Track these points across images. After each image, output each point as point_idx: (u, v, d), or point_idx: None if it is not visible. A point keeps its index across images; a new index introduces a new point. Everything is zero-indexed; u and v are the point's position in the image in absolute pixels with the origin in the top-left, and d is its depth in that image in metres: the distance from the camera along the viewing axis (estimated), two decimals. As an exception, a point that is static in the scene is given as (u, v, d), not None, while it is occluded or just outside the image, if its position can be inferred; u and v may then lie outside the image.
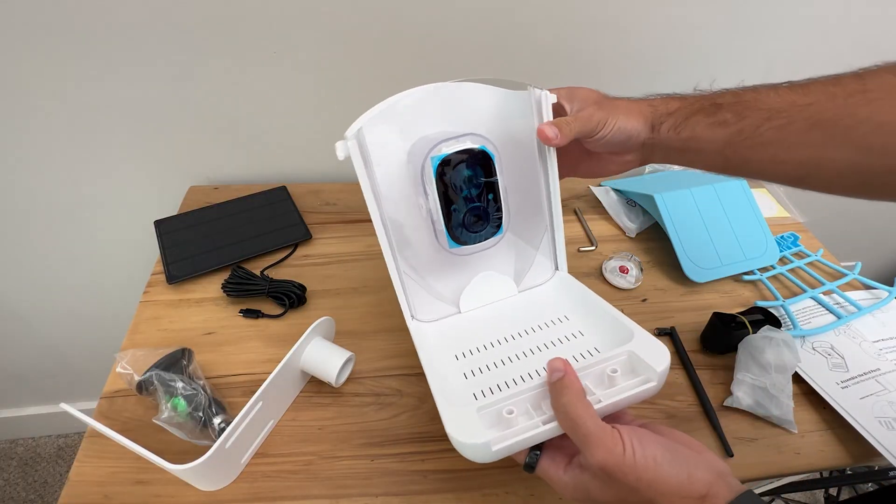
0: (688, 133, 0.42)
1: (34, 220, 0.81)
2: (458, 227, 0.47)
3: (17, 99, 0.67)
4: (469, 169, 0.45)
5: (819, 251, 0.74)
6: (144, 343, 0.57)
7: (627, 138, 0.44)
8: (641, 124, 0.44)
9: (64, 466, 1.24)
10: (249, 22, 0.64)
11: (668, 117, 0.43)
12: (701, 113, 0.42)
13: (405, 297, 0.50)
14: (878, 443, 0.49)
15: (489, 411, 0.37)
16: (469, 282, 0.51)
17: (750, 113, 0.40)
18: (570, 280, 0.52)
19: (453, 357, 0.48)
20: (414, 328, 0.50)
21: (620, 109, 0.44)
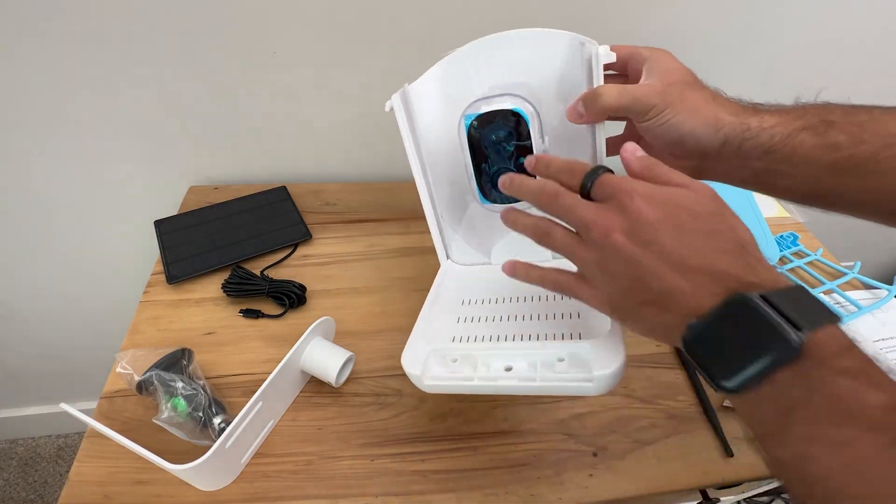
0: (784, 154, 0.36)
1: (34, 220, 0.81)
2: (488, 185, 0.48)
3: (17, 99, 0.67)
4: (502, 130, 0.44)
5: (819, 251, 0.74)
6: (144, 343, 0.57)
7: (681, 139, 0.38)
8: (708, 132, 0.37)
9: (64, 466, 1.24)
10: (250, 22, 0.64)
11: (761, 133, 0.36)
12: (808, 131, 0.35)
13: (441, 239, 0.51)
14: None
15: (441, 355, 0.41)
16: (503, 237, 0.52)
17: (868, 137, 0.34)
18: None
19: (460, 301, 0.49)
20: (446, 267, 0.52)
21: (688, 104, 0.37)
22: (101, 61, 0.65)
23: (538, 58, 0.44)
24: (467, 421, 0.52)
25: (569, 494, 0.47)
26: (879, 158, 0.34)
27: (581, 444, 0.50)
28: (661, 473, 0.48)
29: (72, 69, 0.65)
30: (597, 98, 0.38)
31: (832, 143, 0.35)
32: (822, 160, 0.35)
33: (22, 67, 0.64)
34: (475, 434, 0.51)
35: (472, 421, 0.52)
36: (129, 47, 0.64)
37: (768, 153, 0.36)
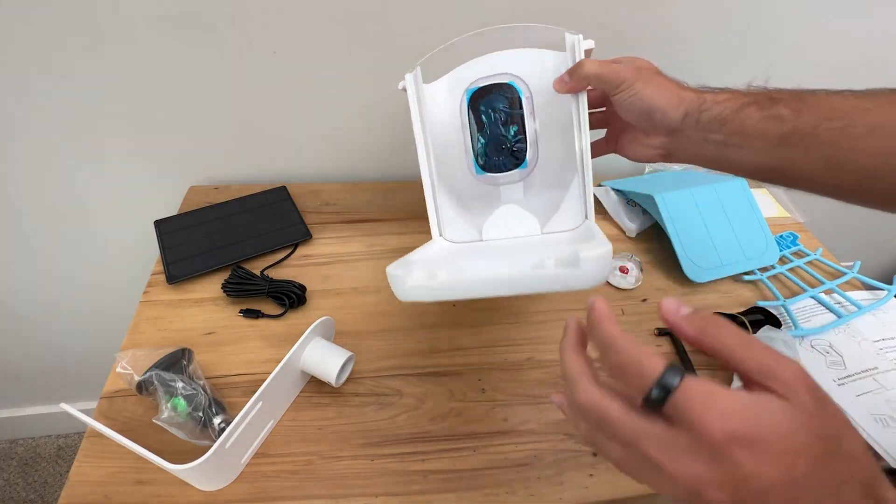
0: (736, 125, 0.39)
1: (34, 220, 0.81)
2: (483, 156, 0.53)
3: (17, 99, 0.67)
4: (497, 101, 0.51)
5: (818, 250, 0.74)
6: (144, 343, 0.57)
7: (650, 111, 0.42)
8: (672, 104, 0.41)
9: (64, 466, 1.24)
10: (250, 22, 0.64)
11: (715, 105, 0.40)
12: (754, 105, 0.39)
13: (436, 216, 0.54)
14: (873, 440, 0.49)
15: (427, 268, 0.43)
16: (493, 213, 0.54)
17: (808, 111, 0.37)
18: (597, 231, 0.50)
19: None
20: (439, 245, 0.55)
21: (654, 82, 0.42)
22: (101, 61, 0.65)
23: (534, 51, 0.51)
24: (467, 421, 0.52)
25: (569, 494, 0.47)
26: (820, 130, 0.37)
27: (581, 444, 0.50)
28: (660, 473, 0.48)
29: (72, 69, 0.65)
30: (580, 67, 0.45)
31: (776, 115, 0.38)
32: (770, 132, 0.38)
33: (22, 67, 0.64)
34: (475, 434, 0.51)
35: (472, 421, 0.52)
36: (129, 47, 0.64)
37: (722, 125, 0.40)
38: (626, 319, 0.64)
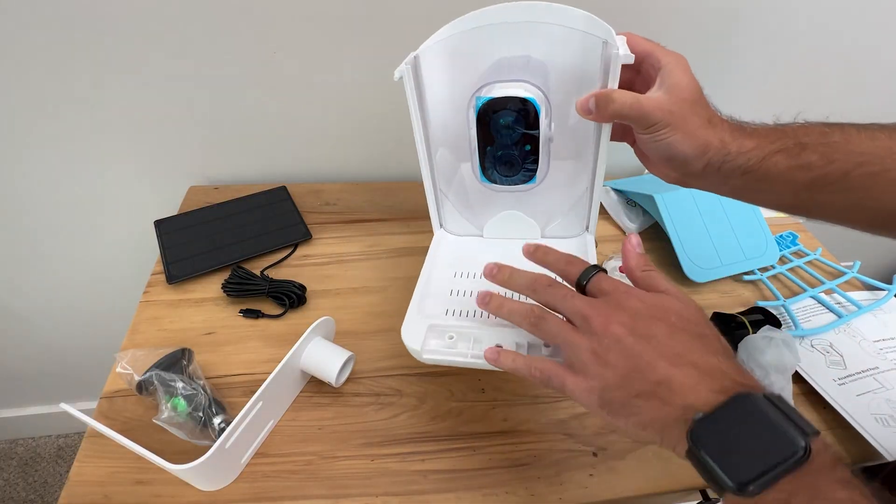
0: (760, 174, 0.38)
1: (34, 220, 0.81)
2: (492, 169, 0.48)
3: (17, 99, 0.67)
4: (512, 116, 0.44)
5: (818, 250, 0.74)
6: (144, 343, 0.57)
7: (671, 157, 0.40)
8: (695, 155, 0.39)
9: (64, 466, 1.24)
10: (250, 22, 0.64)
11: (738, 157, 0.38)
12: (782, 153, 0.37)
13: (436, 208, 0.54)
14: (873, 438, 0.49)
15: (438, 330, 0.44)
16: (497, 214, 0.54)
17: (840, 156, 0.36)
18: (590, 248, 0.53)
19: (452, 274, 0.51)
20: (438, 236, 0.55)
21: (685, 127, 0.38)
22: (101, 61, 0.65)
23: (554, 40, 0.44)
24: (467, 421, 0.52)
25: (569, 494, 0.47)
26: (851, 176, 0.36)
27: (581, 444, 0.50)
28: (661, 473, 0.48)
29: (72, 69, 0.65)
30: (609, 102, 0.39)
31: (805, 163, 0.37)
32: (798, 179, 0.37)
33: (22, 68, 0.64)
34: (475, 434, 0.51)
35: (472, 421, 0.52)
36: (129, 47, 0.64)
37: (745, 174, 0.38)
38: (626, 319, 0.64)
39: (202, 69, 0.68)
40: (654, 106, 0.38)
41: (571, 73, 0.45)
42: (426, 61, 0.45)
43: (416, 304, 0.47)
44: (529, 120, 0.44)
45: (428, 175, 0.51)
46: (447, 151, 0.52)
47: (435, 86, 0.47)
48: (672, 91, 0.39)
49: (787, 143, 0.37)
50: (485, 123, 0.45)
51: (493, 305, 0.39)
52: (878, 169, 0.35)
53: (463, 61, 0.46)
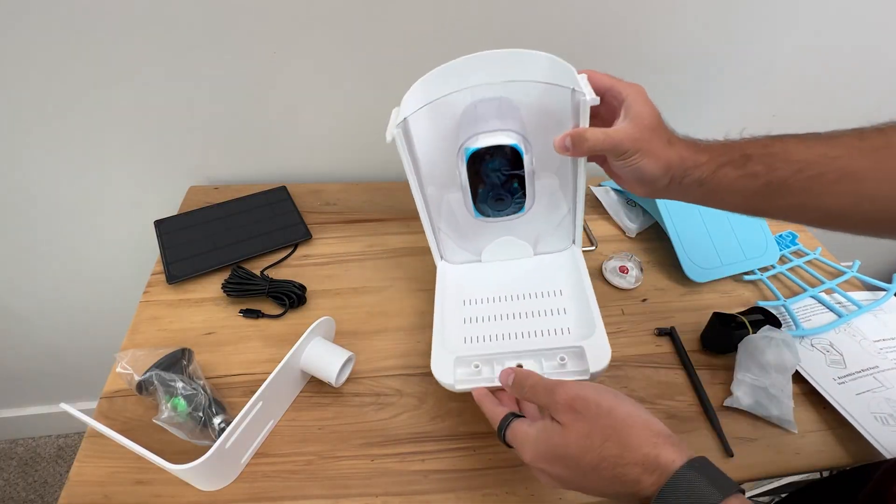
0: (713, 185, 0.43)
1: (34, 220, 0.81)
2: (483, 205, 0.53)
3: (17, 99, 0.67)
4: (499, 160, 0.48)
5: (817, 249, 0.74)
6: (144, 343, 0.57)
7: (641, 178, 0.45)
8: (661, 173, 0.44)
9: (64, 466, 1.24)
10: (250, 22, 0.64)
11: (695, 170, 0.43)
12: (730, 165, 0.42)
13: (436, 242, 0.58)
14: (872, 437, 0.49)
15: (463, 360, 0.48)
16: (491, 242, 0.59)
17: (781, 164, 0.40)
18: (579, 258, 0.59)
19: (461, 302, 0.56)
20: (441, 268, 0.59)
21: (651, 150, 0.43)
22: (100, 61, 0.65)
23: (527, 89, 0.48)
24: (467, 421, 0.52)
25: (568, 494, 0.47)
26: (791, 182, 0.40)
27: None
28: (661, 473, 0.48)
29: (72, 69, 0.65)
30: (584, 140, 0.45)
31: (750, 172, 0.41)
32: (747, 186, 0.42)
33: (22, 67, 0.64)
34: (475, 434, 0.51)
35: (472, 421, 0.52)
36: (129, 47, 0.64)
37: (702, 185, 0.43)
38: (626, 319, 0.64)
39: (202, 69, 0.68)
40: (623, 137, 0.43)
41: (544, 112, 0.49)
42: (413, 121, 0.49)
43: (439, 340, 0.51)
44: (514, 162, 0.49)
45: (425, 215, 0.54)
46: (440, 192, 0.56)
47: (423, 140, 0.51)
48: (636, 120, 0.44)
49: (734, 155, 0.42)
50: (475, 169, 0.49)
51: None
52: (815, 174, 0.39)
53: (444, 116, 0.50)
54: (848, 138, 0.40)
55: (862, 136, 0.39)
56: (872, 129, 0.39)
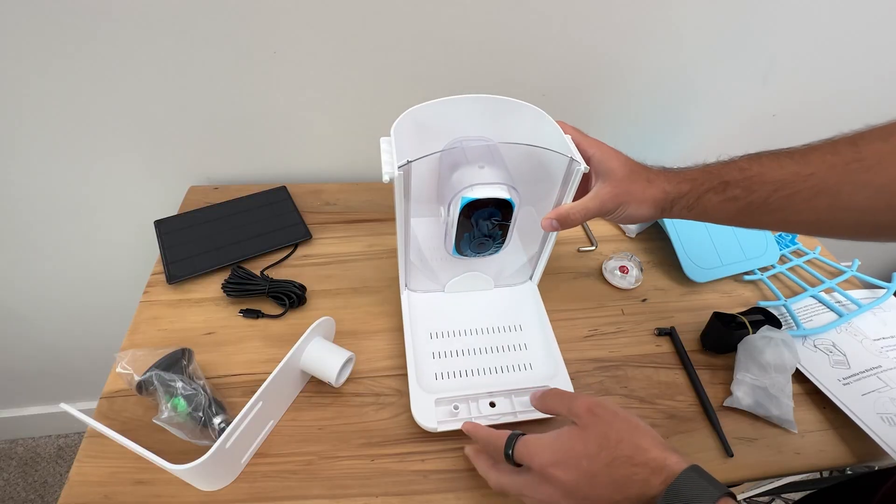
0: (700, 209, 0.46)
1: (34, 221, 0.81)
2: (465, 247, 0.54)
3: (16, 99, 0.67)
4: (489, 210, 0.50)
5: (817, 249, 0.74)
6: (144, 343, 0.57)
7: (633, 220, 0.49)
8: (651, 212, 0.47)
9: (64, 466, 1.24)
10: (250, 21, 0.64)
11: (680, 199, 0.46)
12: (711, 191, 0.45)
13: (404, 271, 0.58)
14: (881, 439, 0.49)
15: (443, 402, 0.51)
16: (458, 275, 0.61)
17: (757, 187, 0.43)
18: (535, 292, 0.63)
19: (428, 335, 0.58)
20: (405, 297, 0.60)
21: (633, 198, 0.47)
22: (100, 61, 0.65)
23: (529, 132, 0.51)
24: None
25: (569, 494, 0.47)
26: (770, 201, 0.43)
27: None
28: (661, 473, 0.48)
29: (72, 69, 0.65)
30: (568, 219, 0.49)
31: (731, 196, 0.44)
32: (729, 208, 0.45)
33: (21, 67, 0.64)
34: (475, 434, 0.51)
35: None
36: (129, 46, 0.64)
37: (689, 210, 0.47)
38: (626, 319, 0.64)
39: (202, 69, 0.68)
40: (603, 200, 0.47)
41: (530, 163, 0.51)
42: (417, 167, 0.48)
43: (415, 381, 0.52)
44: (504, 211, 0.50)
45: (402, 248, 0.55)
46: (422, 225, 0.58)
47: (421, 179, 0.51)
48: (609, 178, 0.47)
49: (713, 182, 0.45)
50: (467, 216, 0.50)
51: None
52: (791, 192, 0.42)
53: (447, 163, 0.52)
54: (820, 154, 0.41)
55: (835, 150, 0.41)
56: (845, 142, 0.40)
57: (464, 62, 0.71)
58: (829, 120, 0.84)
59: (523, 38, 0.69)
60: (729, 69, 0.78)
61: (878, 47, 0.79)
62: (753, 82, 0.81)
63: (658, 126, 0.83)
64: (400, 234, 0.53)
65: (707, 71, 0.78)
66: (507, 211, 0.50)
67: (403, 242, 0.54)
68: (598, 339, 0.61)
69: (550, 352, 0.56)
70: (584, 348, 0.60)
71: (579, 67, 0.74)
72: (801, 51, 0.78)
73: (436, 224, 0.56)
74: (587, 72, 0.74)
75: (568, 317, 0.63)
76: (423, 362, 0.55)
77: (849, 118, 0.43)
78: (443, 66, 0.71)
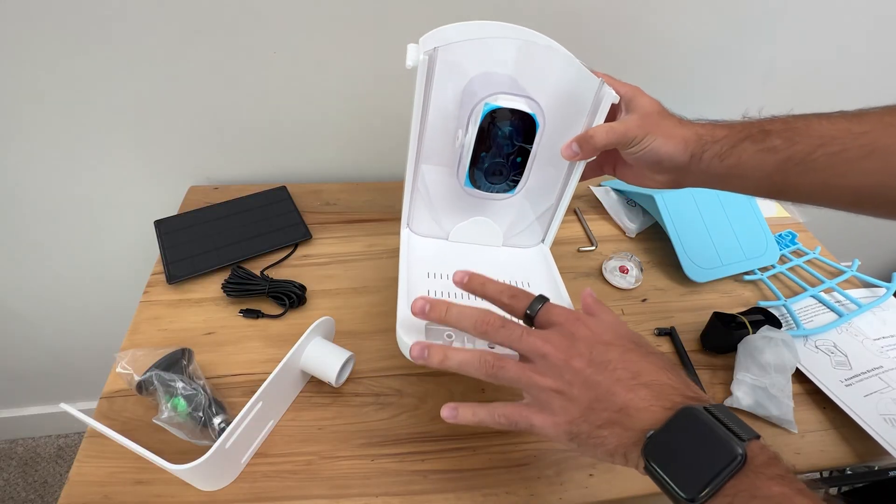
0: (734, 160, 0.42)
1: (34, 220, 0.81)
2: (479, 173, 0.50)
3: (16, 100, 0.67)
4: (512, 127, 0.46)
5: (817, 249, 0.74)
6: (144, 343, 0.57)
7: (659, 160, 0.44)
8: (679, 151, 0.43)
9: (64, 466, 1.24)
10: (250, 22, 0.64)
11: (713, 145, 0.42)
12: (748, 140, 0.41)
13: (409, 207, 0.54)
14: (884, 440, 0.49)
15: (434, 332, 0.45)
16: (465, 220, 0.56)
17: (801, 139, 0.39)
18: (547, 255, 0.58)
19: (425, 274, 0.53)
20: (405, 236, 0.56)
21: (662, 131, 0.43)
22: (100, 61, 0.65)
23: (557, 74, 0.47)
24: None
25: (569, 494, 0.47)
26: (813, 157, 0.38)
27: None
28: (661, 473, 0.48)
29: (71, 69, 0.65)
30: (590, 139, 0.44)
31: (770, 146, 0.40)
32: (766, 161, 0.40)
33: (21, 68, 0.64)
34: (475, 434, 0.51)
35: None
36: (128, 46, 0.64)
37: (722, 160, 0.42)
38: (626, 319, 0.64)
39: (202, 69, 0.68)
40: (629, 125, 0.43)
41: (561, 99, 0.47)
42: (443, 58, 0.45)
43: (404, 308, 0.47)
44: (527, 134, 0.46)
45: (411, 172, 0.51)
46: (434, 150, 0.52)
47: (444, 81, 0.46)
48: (638, 110, 0.44)
49: (752, 130, 0.41)
50: (486, 130, 0.46)
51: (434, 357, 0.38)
52: (838, 149, 0.37)
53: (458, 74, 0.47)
54: (877, 115, 0.38)
55: (892, 112, 0.37)
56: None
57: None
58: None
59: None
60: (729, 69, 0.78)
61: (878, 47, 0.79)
62: (753, 82, 0.81)
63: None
64: (413, 149, 0.49)
65: (707, 71, 0.78)
66: (529, 133, 0.46)
67: (414, 162, 0.50)
68: (598, 339, 0.61)
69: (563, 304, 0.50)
70: (584, 348, 0.60)
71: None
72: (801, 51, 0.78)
73: (448, 173, 0.52)
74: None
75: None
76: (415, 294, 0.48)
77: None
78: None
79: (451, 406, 0.38)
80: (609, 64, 0.74)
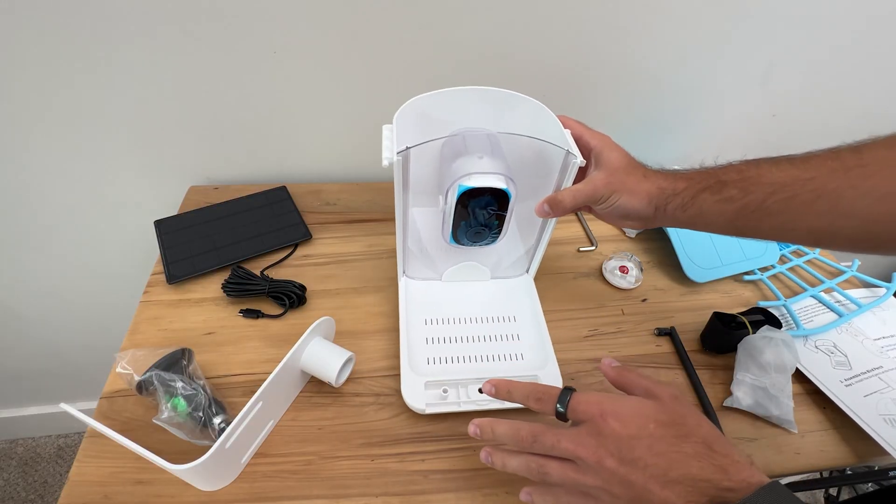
0: (695, 210, 0.45)
1: (34, 221, 0.81)
2: (462, 236, 0.54)
3: (16, 100, 0.67)
4: (487, 199, 0.50)
5: (816, 248, 0.74)
6: (144, 343, 0.57)
7: (627, 214, 0.47)
8: (643, 205, 0.46)
9: (64, 466, 1.24)
10: (250, 22, 0.64)
11: (675, 197, 0.45)
12: (707, 191, 0.44)
13: (402, 259, 0.59)
14: (885, 441, 0.49)
15: (433, 383, 0.52)
16: (455, 265, 0.61)
17: (755, 188, 0.42)
18: (530, 286, 0.63)
19: (423, 321, 0.58)
20: (403, 284, 0.61)
21: (627, 188, 0.46)
22: (100, 61, 0.65)
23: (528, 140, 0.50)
24: (467, 421, 0.52)
25: (569, 494, 0.47)
26: (768, 204, 0.41)
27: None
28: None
29: (72, 69, 0.65)
30: (560, 203, 0.49)
31: (727, 196, 0.43)
32: (726, 210, 0.44)
33: (21, 67, 0.64)
34: (475, 434, 0.51)
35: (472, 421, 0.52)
36: (129, 46, 0.64)
37: (684, 210, 0.45)
38: (626, 319, 0.64)
39: (202, 69, 0.68)
40: (596, 185, 0.47)
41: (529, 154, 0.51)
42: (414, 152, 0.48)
43: (406, 362, 0.53)
44: (501, 202, 0.50)
45: (401, 237, 0.56)
46: (420, 212, 0.58)
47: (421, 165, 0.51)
48: (606, 167, 0.47)
49: (710, 181, 0.44)
50: (463, 205, 0.50)
51: (495, 461, 0.41)
52: (790, 195, 0.40)
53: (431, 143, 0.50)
54: (821, 159, 0.40)
55: (837, 156, 0.40)
56: (847, 149, 0.40)
57: (464, 62, 0.71)
58: (828, 120, 0.85)
59: (523, 39, 0.69)
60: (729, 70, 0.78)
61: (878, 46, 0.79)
62: (753, 83, 0.81)
63: (657, 127, 0.83)
64: (399, 220, 0.53)
65: (707, 71, 0.78)
66: (503, 201, 0.49)
67: (402, 229, 0.55)
68: (598, 339, 0.62)
69: (543, 344, 0.56)
70: (584, 348, 0.60)
71: (578, 68, 0.74)
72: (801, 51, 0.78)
73: (436, 214, 0.56)
74: (586, 72, 0.74)
75: (568, 317, 0.63)
76: (416, 346, 0.56)
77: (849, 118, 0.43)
78: (444, 67, 0.71)
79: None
80: (609, 68, 0.75)
